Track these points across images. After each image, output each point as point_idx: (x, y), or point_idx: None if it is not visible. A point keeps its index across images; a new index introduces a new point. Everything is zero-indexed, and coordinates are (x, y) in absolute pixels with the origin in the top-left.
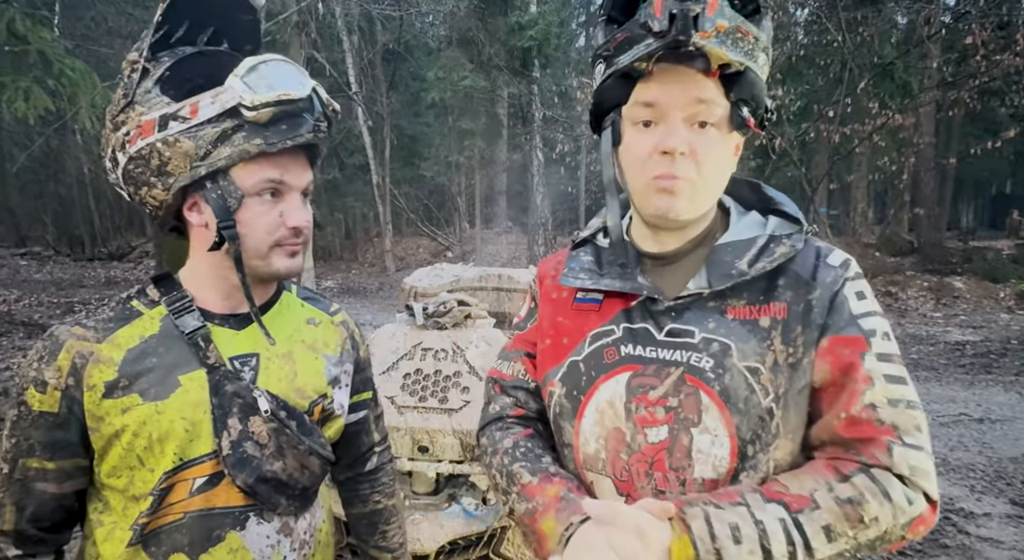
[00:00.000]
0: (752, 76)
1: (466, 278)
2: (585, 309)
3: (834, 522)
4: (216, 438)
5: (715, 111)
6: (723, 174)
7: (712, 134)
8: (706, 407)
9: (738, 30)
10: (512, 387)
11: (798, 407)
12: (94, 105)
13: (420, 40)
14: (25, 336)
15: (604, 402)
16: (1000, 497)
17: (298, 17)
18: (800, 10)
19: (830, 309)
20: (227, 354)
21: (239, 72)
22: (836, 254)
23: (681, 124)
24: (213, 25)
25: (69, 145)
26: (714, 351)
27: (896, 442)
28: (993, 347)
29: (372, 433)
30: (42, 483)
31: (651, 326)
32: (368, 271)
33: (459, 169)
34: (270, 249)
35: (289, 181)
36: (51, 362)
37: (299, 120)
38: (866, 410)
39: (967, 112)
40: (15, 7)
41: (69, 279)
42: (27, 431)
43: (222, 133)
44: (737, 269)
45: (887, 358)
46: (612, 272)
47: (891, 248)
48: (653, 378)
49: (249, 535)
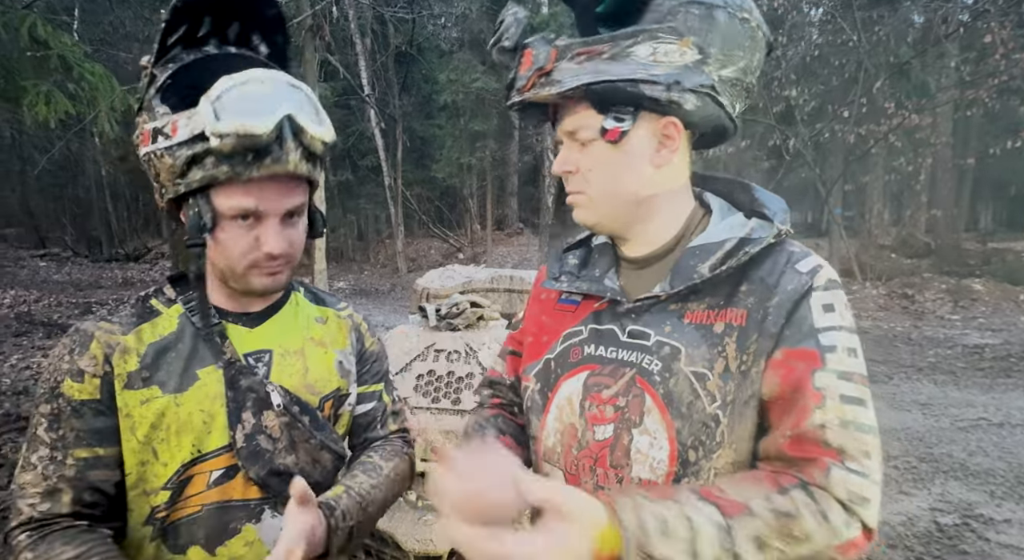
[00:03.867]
0: (604, 86)
1: (478, 280)
2: (565, 309)
3: (766, 533)
4: (231, 431)
5: (589, 130)
6: (622, 181)
7: (594, 150)
8: (648, 409)
9: (577, 54)
10: (496, 383)
11: (743, 417)
12: (113, 108)
13: (432, 42)
14: (44, 336)
15: (564, 399)
16: (1021, 503)
17: (312, 21)
18: (815, 9)
19: (788, 319)
20: (242, 350)
21: (211, 95)
22: (808, 260)
23: (571, 147)
24: (237, 21)
25: (88, 148)
26: (664, 354)
27: (838, 465)
28: (1013, 350)
29: (388, 425)
30: (97, 471)
31: (616, 328)
32: (380, 272)
33: (471, 171)
34: (246, 269)
35: (265, 208)
36: (84, 352)
37: (265, 151)
38: (814, 430)
39: (986, 112)
40: (36, 12)
41: (87, 280)
42: (69, 422)
43: (194, 156)
44: (697, 272)
45: (847, 377)
46: (589, 275)
47: (907, 250)
48: (608, 378)
49: (264, 528)
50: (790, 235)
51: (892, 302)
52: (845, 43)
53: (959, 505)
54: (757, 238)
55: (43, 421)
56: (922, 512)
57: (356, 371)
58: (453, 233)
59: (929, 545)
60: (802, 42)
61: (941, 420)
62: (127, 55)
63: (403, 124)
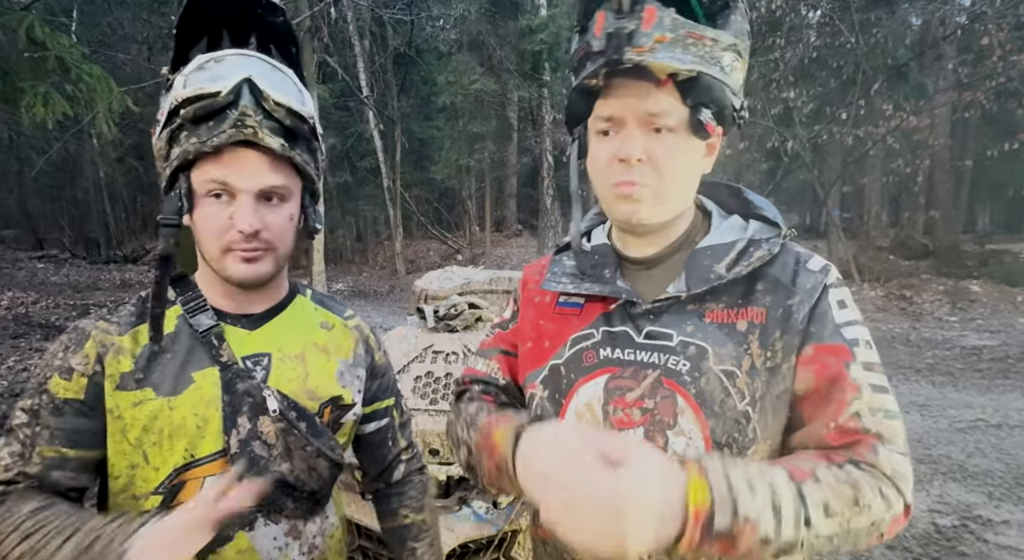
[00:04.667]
0: (707, 80)
1: (476, 281)
2: (567, 313)
3: (832, 500)
4: (225, 435)
5: (670, 118)
6: (688, 177)
7: (669, 140)
8: (681, 409)
9: (688, 36)
10: (484, 381)
11: (776, 412)
12: (111, 110)
13: (431, 44)
14: (42, 338)
15: (583, 405)
16: (1019, 504)
17: (311, 22)
18: (813, 11)
19: (812, 316)
20: (240, 353)
21: (185, 70)
22: (816, 260)
23: (637, 131)
24: (252, 30)
25: (86, 149)
26: (691, 354)
27: (881, 445)
28: (1011, 352)
29: (399, 441)
30: (59, 472)
31: (630, 329)
32: (379, 274)
33: (469, 172)
34: (222, 253)
35: (235, 183)
36: (78, 350)
37: (221, 116)
38: (854, 419)
39: (983, 114)
40: (34, 14)
41: (85, 282)
42: (46, 419)
43: (172, 134)
44: (715, 273)
45: (870, 367)
46: (593, 276)
47: (905, 251)
48: (630, 380)
49: (257, 536)
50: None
51: (890, 303)
52: (843, 45)
53: (957, 506)
54: (764, 239)
55: (21, 415)
56: (920, 513)
57: (367, 387)
58: (452, 234)
59: (927, 547)
60: (800, 44)
61: (939, 421)
62: (125, 56)
63: (402, 126)
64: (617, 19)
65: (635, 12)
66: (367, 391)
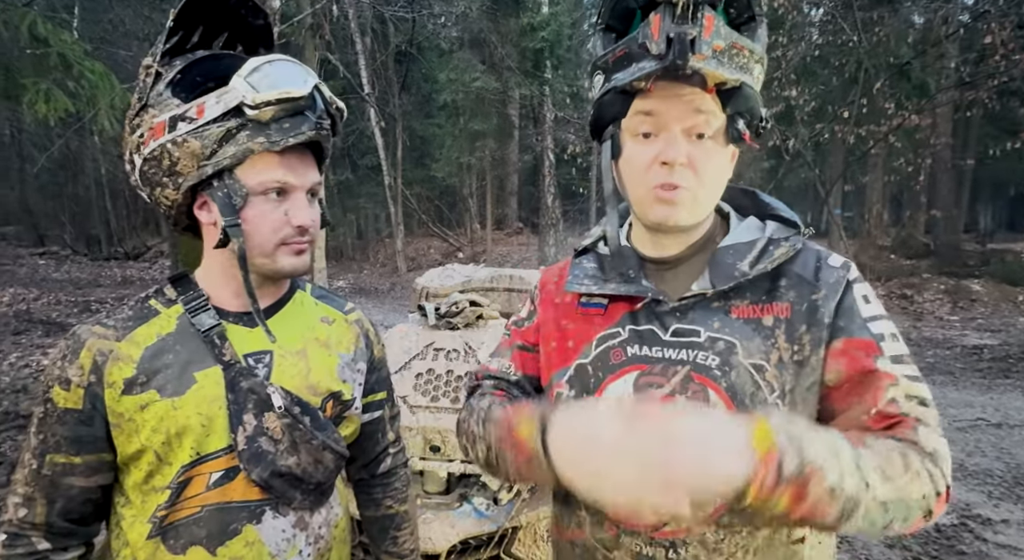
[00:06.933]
0: (748, 90)
1: (477, 279)
2: (590, 313)
3: (886, 464)
4: (232, 433)
5: (712, 124)
6: (720, 182)
7: (708, 145)
8: (714, 404)
9: (733, 46)
10: (495, 377)
11: (806, 403)
12: (113, 106)
13: (432, 42)
14: (43, 334)
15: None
16: (1018, 503)
17: (312, 19)
18: (815, 10)
19: (839, 311)
20: (242, 351)
21: (243, 72)
22: (835, 256)
23: (680, 136)
24: (227, 30)
25: (87, 146)
26: (720, 349)
27: (921, 426)
28: (1011, 351)
29: (387, 433)
30: (70, 478)
31: (656, 327)
32: (380, 271)
33: (470, 170)
34: (276, 248)
35: (294, 181)
36: (74, 360)
37: (301, 118)
38: (891, 404)
39: (985, 113)
40: (36, 10)
41: (86, 278)
42: (53, 428)
43: (227, 132)
44: (739, 270)
45: (899, 359)
46: (616, 277)
47: (907, 250)
48: (660, 377)
49: (265, 528)
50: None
51: (891, 302)
52: (845, 43)
53: (957, 505)
54: (784, 238)
55: (34, 422)
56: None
57: (365, 380)
58: (453, 232)
59: (927, 545)
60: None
61: (940, 420)
62: (127, 53)
63: (403, 123)
64: (678, 24)
65: (697, 19)
66: (365, 384)
